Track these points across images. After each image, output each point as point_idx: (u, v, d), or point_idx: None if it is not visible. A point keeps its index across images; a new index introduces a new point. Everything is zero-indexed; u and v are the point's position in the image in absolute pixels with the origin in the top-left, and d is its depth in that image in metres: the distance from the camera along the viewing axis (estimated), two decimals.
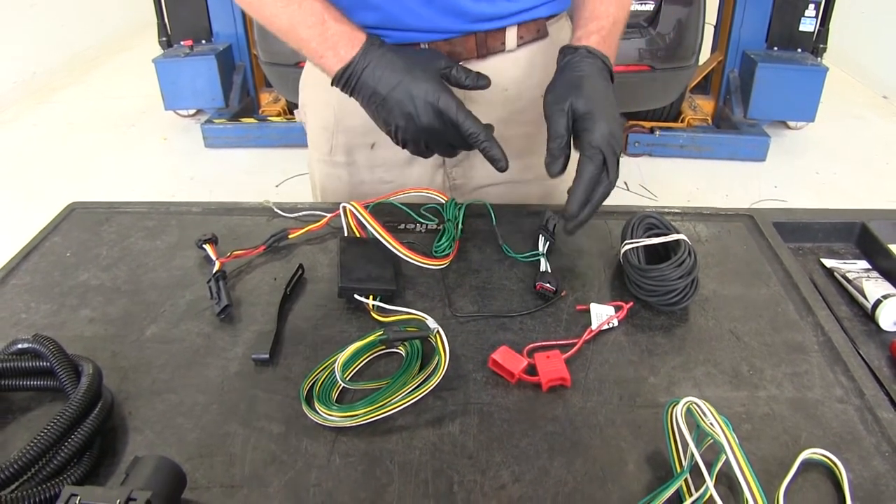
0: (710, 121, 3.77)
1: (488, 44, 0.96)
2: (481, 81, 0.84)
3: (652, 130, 3.61)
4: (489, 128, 0.82)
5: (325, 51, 0.82)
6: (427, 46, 0.95)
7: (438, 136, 0.82)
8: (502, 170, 0.81)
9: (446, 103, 0.80)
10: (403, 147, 0.86)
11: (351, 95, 0.84)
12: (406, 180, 1.07)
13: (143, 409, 0.66)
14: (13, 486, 0.53)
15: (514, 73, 1.00)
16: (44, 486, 0.53)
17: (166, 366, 0.71)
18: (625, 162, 3.59)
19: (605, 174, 0.80)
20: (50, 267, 0.88)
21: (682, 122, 3.72)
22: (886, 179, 3.42)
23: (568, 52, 0.89)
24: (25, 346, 0.67)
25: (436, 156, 1.05)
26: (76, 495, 0.48)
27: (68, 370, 0.64)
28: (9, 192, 3.33)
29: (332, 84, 0.84)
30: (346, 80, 0.82)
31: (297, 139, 3.64)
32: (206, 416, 0.65)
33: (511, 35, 0.97)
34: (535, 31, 0.99)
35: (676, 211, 0.99)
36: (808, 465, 0.60)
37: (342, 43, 0.82)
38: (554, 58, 1.01)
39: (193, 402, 0.67)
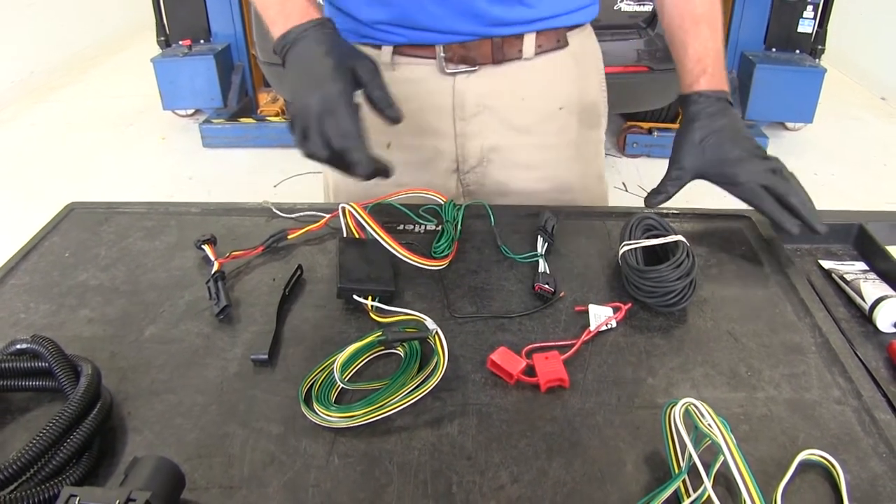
0: None
1: (504, 50, 0.96)
2: (390, 111, 0.81)
3: (650, 131, 3.62)
4: (381, 167, 0.81)
5: (278, 18, 0.82)
6: (442, 49, 0.95)
7: (316, 123, 0.77)
8: (363, 177, 0.79)
9: (332, 90, 0.77)
10: (292, 131, 0.81)
11: (284, 67, 0.83)
12: (421, 184, 1.06)
13: (142, 410, 0.66)
14: (12, 487, 0.53)
15: (531, 83, 1.00)
16: (43, 486, 0.53)
17: (165, 366, 0.71)
18: (623, 163, 3.60)
19: (782, 183, 0.87)
20: (49, 267, 0.88)
21: (679, 123, 3.71)
22: (884, 181, 3.43)
23: (685, 102, 0.93)
24: (24, 346, 0.66)
25: (449, 160, 1.05)
26: (75, 496, 0.48)
27: (67, 371, 0.64)
28: (7, 191, 3.32)
29: (273, 52, 0.84)
30: (282, 47, 0.82)
31: None
32: (204, 417, 0.65)
33: (529, 43, 0.96)
34: (554, 40, 0.98)
35: (675, 212, 0.99)
36: (805, 466, 0.60)
37: (295, 15, 0.81)
38: (574, 69, 1.01)
39: (192, 402, 0.67)
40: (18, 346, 0.67)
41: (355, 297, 0.78)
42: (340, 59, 0.80)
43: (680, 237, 0.82)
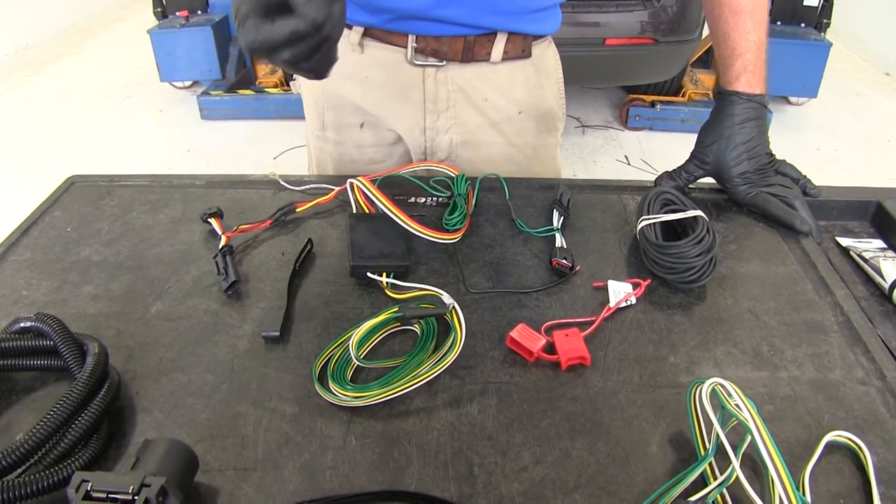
0: (711, 95, 3.73)
1: (475, 50, 0.98)
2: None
3: (653, 104, 3.58)
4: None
5: None
6: (414, 39, 0.95)
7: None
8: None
9: None
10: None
11: None
12: (392, 162, 1.08)
13: (151, 390, 0.64)
14: (20, 470, 0.52)
15: (494, 85, 1.02)
16: (51, 470, 0.51)
17: (173, 344, 0.69)
18: (625, 136, 3.57)
19: (786, 187, 0.90)
20: (50, 242, 0.85)
21: (683, 96, 3.68)
22: (888, 157, 3.41)
23: (722, 97, 0.92)
24: (28, 324, 0.64)
25: (419, 152, 1.05)
26: (87, 481, 0.46)
27: (73, 349, 0.61)
28: (3, 166, 3.28)
29: None
30: None
31: (294, 111, 3.60)
32: (216, 396, 0.63)
33: (498, 48, 0.98)
34: (520, 49, 1.00)
35: (691, 186, 0.97)
36: (831, 447, 0.59)
37: None
38: (534, 78, 1.05)
39: (202, 381, 0.65)
40: (22, 325, 0.65)
41: (369, 274, 0.76)
42: None
43: (699, 212, 0.80)
